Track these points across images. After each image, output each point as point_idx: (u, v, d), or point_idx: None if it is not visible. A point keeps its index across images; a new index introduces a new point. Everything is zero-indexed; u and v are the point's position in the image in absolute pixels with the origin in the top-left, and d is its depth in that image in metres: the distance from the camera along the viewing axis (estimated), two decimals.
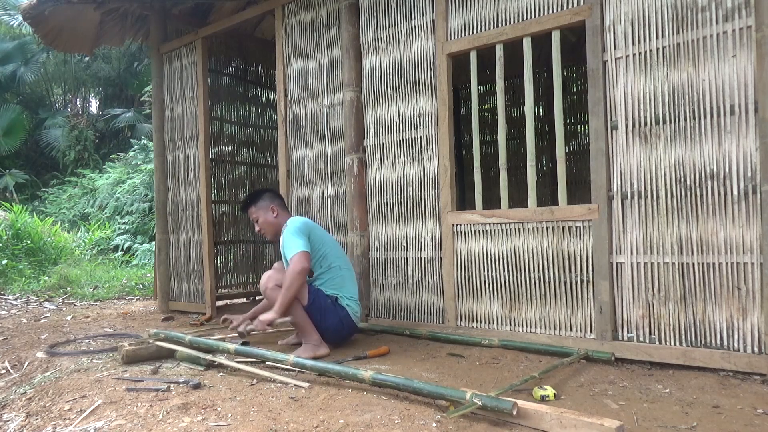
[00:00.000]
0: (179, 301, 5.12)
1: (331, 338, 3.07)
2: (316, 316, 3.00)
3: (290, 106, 4.18)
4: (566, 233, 2.86)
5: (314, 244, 3.09)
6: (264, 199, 3.30)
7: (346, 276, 3.16)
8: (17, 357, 3.32)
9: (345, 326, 3.09)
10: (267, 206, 3.27)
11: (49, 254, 8.16)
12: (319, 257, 3.12)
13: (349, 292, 3.13)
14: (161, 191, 5.23)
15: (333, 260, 3.14)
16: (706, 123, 2.46)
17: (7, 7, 14.40)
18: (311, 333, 2.99)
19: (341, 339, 3.16)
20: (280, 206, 3.32)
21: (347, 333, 3.16)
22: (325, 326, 3.02)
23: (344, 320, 3.07)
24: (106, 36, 5.35)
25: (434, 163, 3.36)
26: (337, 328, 3.06)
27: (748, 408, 2.00)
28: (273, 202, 3.30)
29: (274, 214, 3.25)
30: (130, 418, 2.09)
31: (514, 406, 1.83)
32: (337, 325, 3.05)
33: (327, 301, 3.05)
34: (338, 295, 3.09)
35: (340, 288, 3.11)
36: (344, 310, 3.07)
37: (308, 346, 2.96)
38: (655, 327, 2.60)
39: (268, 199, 3.31)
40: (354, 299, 3.14)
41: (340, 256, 3.21)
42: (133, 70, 15.64)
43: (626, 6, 2.67)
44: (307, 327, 2.99)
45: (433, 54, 3.37)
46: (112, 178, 11.41)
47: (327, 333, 3.04)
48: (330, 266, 3.13)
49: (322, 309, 3.02)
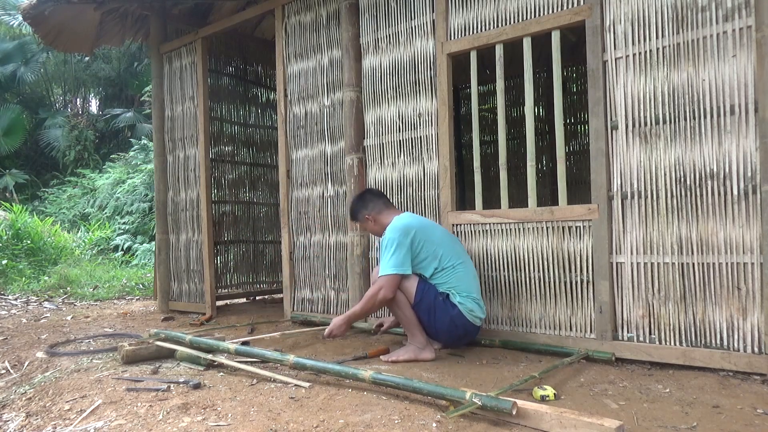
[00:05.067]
0: (179, 301, 5.12)
1: (445, 340, 2.88)
2: (424, 317, 2.78)
3: (290, 106, 4.18)
4: (566, 233, 2.86)
5: (418, 247, 2.80)
6: (359, 211, 3.08)
7: (461, 272, 2.83)
8: (17, 357, 3.32)
9: (458, 326, 2.77)
10: (363, 217, 3.07)
11: (49, 254, 8.16)
12: (425, 262, 2.82)
13: (466, 289, 2.81)
14: (161, 191, 5.23)
15: (445, 260, 2.82)
16: (706, 123, 2.46)
17: (7, 7, 14.41)
18: (416, 334, 2.79)
19: (456, 340, 2.89)
20: (376, 209, 3.04)
21: (462, 333, 2.83)
22: (436, 327, 2.78)
23: (456, 319, 2.75)
24: (106, 36, 5.36)
25: (434, 163, 3.36)
26: (449, 328, 2.77)
27: (748, 408, 2.00)
28: (367, 209, 3.05)
29: (372, 222, 3.04)
30: (130, 418, 2.09)
31: (514, 406, 1.83)
32: (449, 325, 2.76)
33: (438, 298, 2.77)
34: (452, 291, 2.79)
35: (455, 285, 2.80)
36: (455, 308, 2.75)
37: (411, 347, 2.80)
38: (655, 327, 2.60)
39: (362, 207, 3.07)
40: (471, 297, 2.81)
41: (453, 253, 2.86)
42: (133, 70, 15.64)
43: (626, 6, 2.67)
44: (412, 327, 2.80)
45: (433, 54, 3.37)
46: (112, 178, 11.41)
47: (440, 334, 2.82)
48: (442, 267, 2.82)
49: (431, 307, 2.76)
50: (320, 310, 4.01)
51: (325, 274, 3.98)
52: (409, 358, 2.76)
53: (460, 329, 2.79)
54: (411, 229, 2.80)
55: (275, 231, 5.78)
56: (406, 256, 2.76)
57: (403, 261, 2.74)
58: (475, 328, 2.84)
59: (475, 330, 2.87)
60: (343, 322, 2.83)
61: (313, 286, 4.07)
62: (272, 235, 5.80)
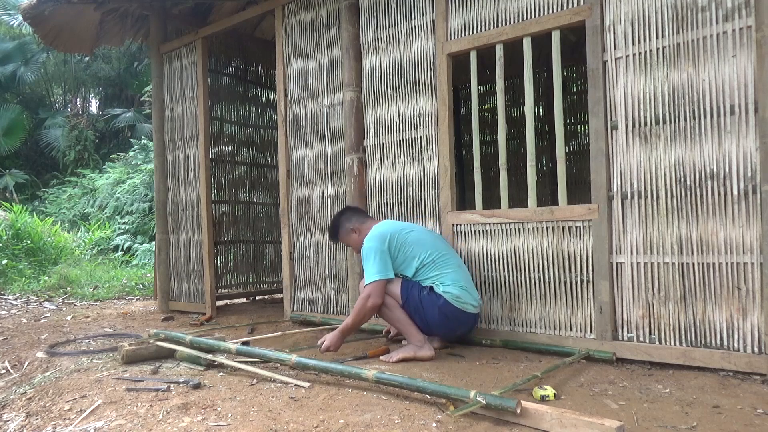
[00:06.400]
0: (179, 301, 5.12)
1: (440, 333, 2.88)
2: (414, 314, 2.79)
3: (290, 106, 4.18)
4: (566, 233, 2.86)
5: (395, 252, 2.86)
6: (343, 226, 3.14)
7: (442, 264, 2.84)
8: (17, 357, 3.32)
9: (449, 316, 2.76)
10: (348, 231, 3.11)
11: (49, 254, 8.16)
12: (405, 263, 2.87)
13: (450, 279, 2.80)
14: (161, 191, 5.23)
15: (425, 256, 2.85)
16: (706, 123, 2.46)
17: (7, 7, 14.42)
18: (413, 333, 2.80)
19: (451, 331, 2.88)
20: (359, 221, 3.11)
21: (455, 324, 2.82)
22: (427, 320, 2.78)
23: (444, 309, 2.74)
24: (106, 36, 5.36)
25: (434, 163, 3.36)
26: (440, 319, 2.76)
27: (748, 408, 2.00)
28: (350, 222, 3.11)
29: (357, 234, 3.08)
30: (130, 418, 2.09)
31: (518, 405, 1.83)
32: (439, 315, 2.75)
33: (422, 292, 2.79)
34: (435, 283, 2.80)
35: (437, 276, 2.81)
36: (441, 297, 2.75)
37: (409, 346, 2.81)
38: (655, 327, 2.60)
39: (346, 222, 3.13)
40: (458, 285, 2.79)
41: (433, 248, 2.88)
42: (133, 70, 15.65)
43: (626, 6, 2.67)
44: (407, 327, 2.81)
45: (433, 54, 3.37)
46: (112, 178, 11.41)
47: (434, 328, 2.82)
48: (423, 264, 2.85)
49: (418, 303, 2.78)
50: (320, 310, 4.01)
51: (325, 274, 3.99)
52: (407, 356, 2.76)
53: (451, 319, 2.79)
54: (386, 234, 2.88)
55: (275, 231, 5.78)
56: (387, 261, 2.83)
57: (384, 266, 2.81)
58: (468, 315, 2.82)
59: (469, 318, 2.84)
60: (336, 335, 2.84)
61: (313, 286, 4.07)
62: (272, 235, 5.80)
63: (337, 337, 2.84)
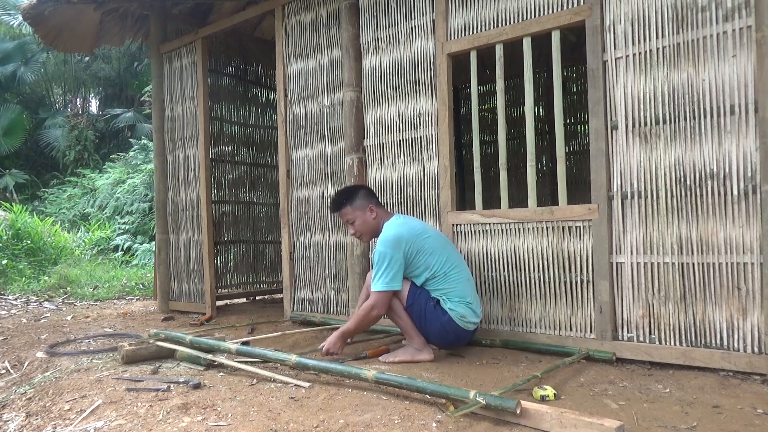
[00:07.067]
0: (179, 301, 5.12)
1: (437, 344, 2.86)
2: (415, 320, 2.78)
3: (290, 106, 4.18)
4: (566, 233, 2.86)
5: (410, 259, 2.78)
6: (360, 197, 2.95)
7: (454, 278, 2.78)
8: (17, 357, 3.32)
9: (449, 332, 2.75)
10: (365, 206, 2.93)
11: (49, 254, 8.16)
12: (417, 271, 2.80)
13: (458, 294, 2.76)
14: (161, 191, 5.23)
15: (437, 268, 2.78)
16: (706, 123, 2.46)
17: (7, 7, 14.42)
18: (414, 336, 2.79)
19: (448, 344, 2.87)
20: (378, 204, 2.99)
21: (453, 339, 2.80)
22: (427, 331, 2.78)
23: (447, 326, 2.73)
24: (106, 36, 5.36)
25: (434, 163, 3.36)
26: (440, 333, 2.76)
27: (748, 408, 2.00)
28: (370, 201, 2.96)
29: (373, 215, 2.93)
30: (130, 418, 2.09)
31: (518, 405, 1.83)
32: (439, 330, 2.75)
33: (429, 304, 2.76)
34: (443, 297, 2.77)
35: (447, 290, 2.77)
36: (446, 314, 2.72)
37: (409, 348, 2.81)
38: (655, 327, 2.60)
39: (365, 197, 2.96)
40: (464, 301, 2.76)
41: (445, 259, 2.81)
42: (133, 70, 15.64)
43: (626, 6, 2.67)
44: (409, 330, 2.80)
45: (433, 54, 3.37)
46: (112, 178, 11.42)
47: (432, 339, 2.81)
48: (434, 275, 2.78)
49: (422, 313, 2.76)
50: (320, 310, 4.01)
51: (325, 274, 3.99)
52: (406, 359, 2.77)
53: (451, 335, 2.78)
54: (402, 241, 2.76)
55: (275, 231, 5.78)
56: (399, 271, 2.74)
57: (395, 277, 2.73)
58: (468, 333, 2.82)
59: (468, 335, 2.84)
60: (337, 338, 2.83)
61: (313, 286, 4.07)
62: (272, 235, 5.80)
63: (338, 341, 2.84)
